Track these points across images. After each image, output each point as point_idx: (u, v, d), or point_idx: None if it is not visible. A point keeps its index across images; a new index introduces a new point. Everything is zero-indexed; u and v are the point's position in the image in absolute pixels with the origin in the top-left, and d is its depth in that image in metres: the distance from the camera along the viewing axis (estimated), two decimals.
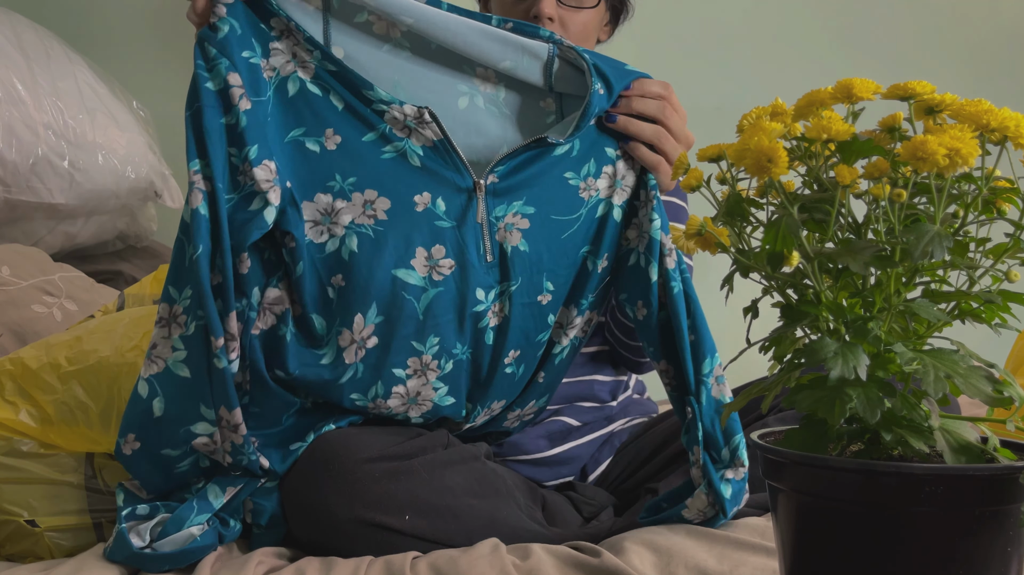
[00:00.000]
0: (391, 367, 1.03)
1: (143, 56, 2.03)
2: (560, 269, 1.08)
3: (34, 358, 1.11)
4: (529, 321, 1.07)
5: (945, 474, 0.62)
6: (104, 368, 1.09)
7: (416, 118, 1.00)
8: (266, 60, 0.99)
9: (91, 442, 1.08)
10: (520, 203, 1.05)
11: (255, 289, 0.98)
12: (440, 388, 1.06)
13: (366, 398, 1.04)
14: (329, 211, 0.99)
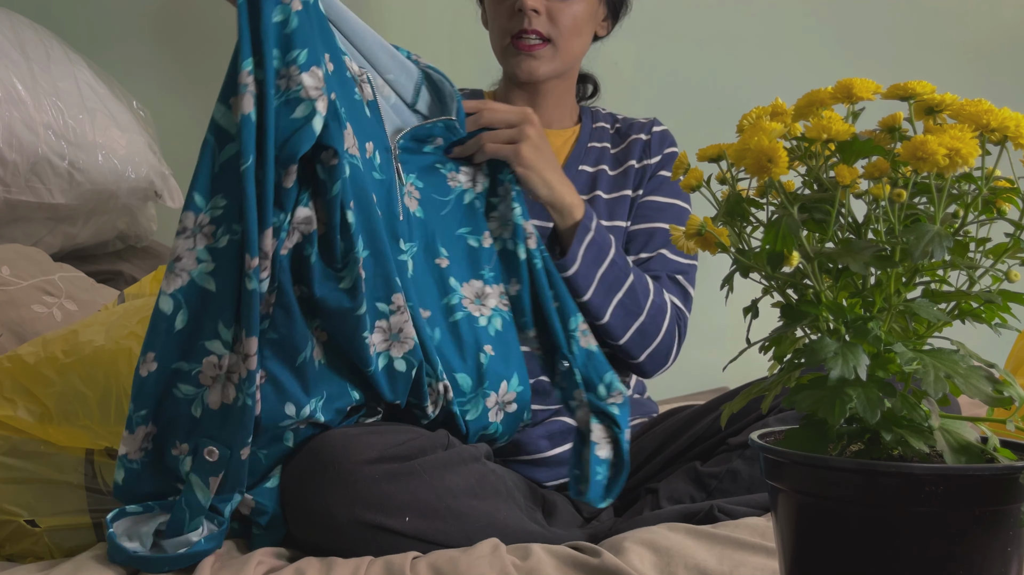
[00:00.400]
0: (375, 302, 1.05)
1: (143, 56, 2.03)
2: (448, 241, 1.17)
3: (31, 354, 1.11)
4: (432, 282, 1.14)
5: (945, 474, 0.62)
6: (100, 356, 1.08)
7: (359, 75, 1.10)
8: None
9: (92, 435, 1.07)
10: (414, 175, 1.16)
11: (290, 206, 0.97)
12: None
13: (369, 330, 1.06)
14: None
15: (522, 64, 1.34)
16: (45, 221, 1.66)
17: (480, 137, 1.20)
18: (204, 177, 0.95)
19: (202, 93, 2.02)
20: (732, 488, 1.16)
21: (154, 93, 1.97)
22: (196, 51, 2.04)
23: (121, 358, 1.07)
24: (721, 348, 1.39)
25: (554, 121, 1.41)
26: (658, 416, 1.37)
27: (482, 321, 1.16)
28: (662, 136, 1.43)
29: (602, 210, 1.36)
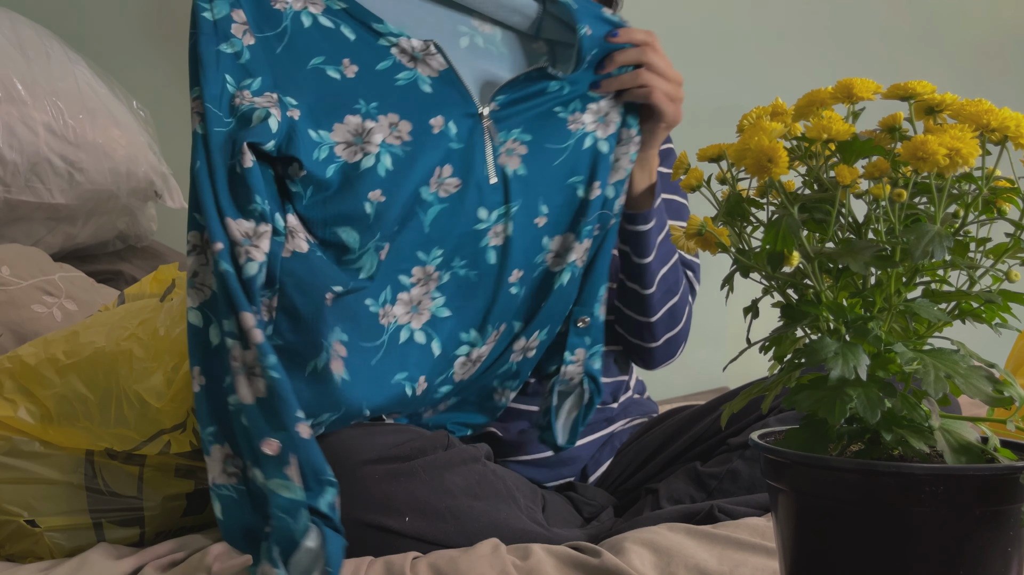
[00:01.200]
0: (398, 274, 1.06)
1: (143, 56, 2.03)
2: (554, 194, 1.13)
3: (32, 355, 1.11)
4: (528, 242, 1.12)
5: (945, 474, 0.62)
6: (100, 358, 1.08)
7: (423, 50, 1.07)
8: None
9: (92, 437, 1.08)
10: (518, 131, 1.11)
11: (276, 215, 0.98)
12: (437, 298, 1.09)
13: (377, 303, 1.06)
14: (361, 131, 1.03)
15: None
16: (45, 221, 1.66)
17: (649, 78, 1.14)
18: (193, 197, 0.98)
19: None
20: (732, 488, 1.16)
21: (154, 93, 1.97)
22: None
23: (121, 360, 1.08)
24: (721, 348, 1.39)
25: None
26: (658, 416, 1.37)
27: (557, 276, 1.15)
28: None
29: None
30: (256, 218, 0.96)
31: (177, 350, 1.07)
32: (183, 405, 1.06)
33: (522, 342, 1.17)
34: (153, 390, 1.06)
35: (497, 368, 1.18)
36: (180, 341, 1.08)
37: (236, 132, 0.97)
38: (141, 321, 1.12)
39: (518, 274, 1.12)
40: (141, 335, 1.10)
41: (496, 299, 1.12)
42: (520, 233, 1.11)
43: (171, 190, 1.78)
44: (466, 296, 1.11)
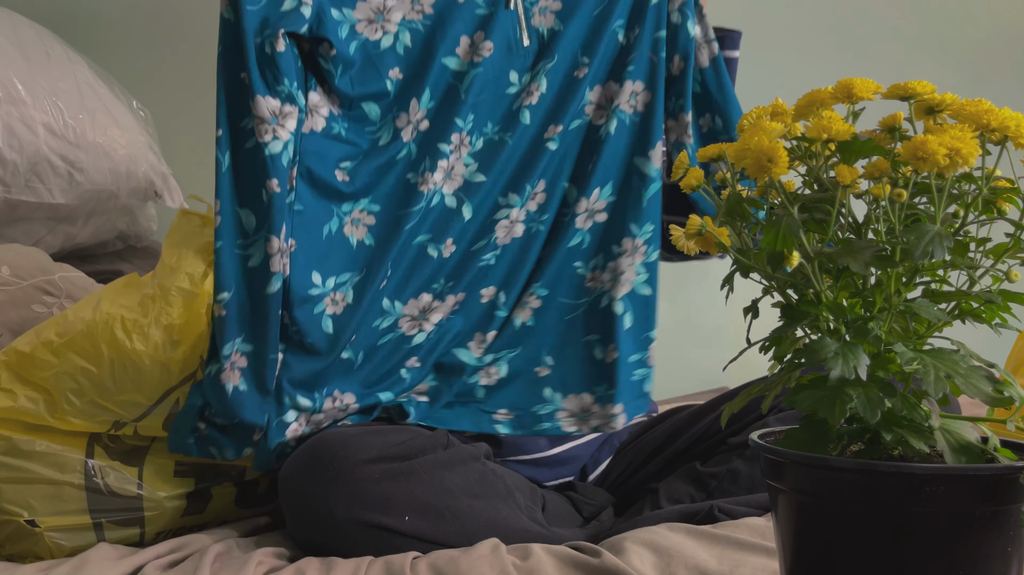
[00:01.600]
0: (437, 143, 1.09)
1: (143, 56, 2.03)
2: (593, 45, 1.14)
3: (26, 343, 1.10)
4: (566, 95, 1.12)
5: (945, 474, 0.62)
6: (94, 329, 1.07)
7: None
8: None
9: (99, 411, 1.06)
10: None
11: (299, 92, 1.05)
12: (471, 165, 1.11)
13: (417, 174, 1.09)
14: (381, 9, 1.08)
15: None
16: (45, 221, 1.66)
17: None
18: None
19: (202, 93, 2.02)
20: (732, 488, 1.16)
21: (154, 93, 1.97)
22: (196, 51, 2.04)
23: (116, 326, 1.07)
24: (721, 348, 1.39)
25: None
26: (658, 416, 1.37)
27: (602, 129, 1.15)
28: None
29: None
30: (283, 98, 1.03)
31: (179, 298, 1.08)
32: (198, 347, 1.07)
33: (583, 203, 1.15)
34: (159, 345, 1.06)
35: (566, 241, 1.16)
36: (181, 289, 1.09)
37: (270, 13, 1.04)
38: (125, 283, 1.14)
39: (555, 129, 1.12)
40: (126, 303, 1.10)
41: (532, 156, 1.12)
42: (556, 88, 1.12)
43: (171, 190, 1.78)
44: (499, 160, 1.11)
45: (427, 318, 1.12)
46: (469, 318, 1.14)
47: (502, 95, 1.11)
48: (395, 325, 1.12)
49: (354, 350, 1.10)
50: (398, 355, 1.12)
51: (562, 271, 1.17)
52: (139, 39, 2.04)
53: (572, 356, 1.17)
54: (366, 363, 1.11)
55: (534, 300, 1.16)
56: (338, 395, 1.10)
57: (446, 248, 1.11)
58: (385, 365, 1.12)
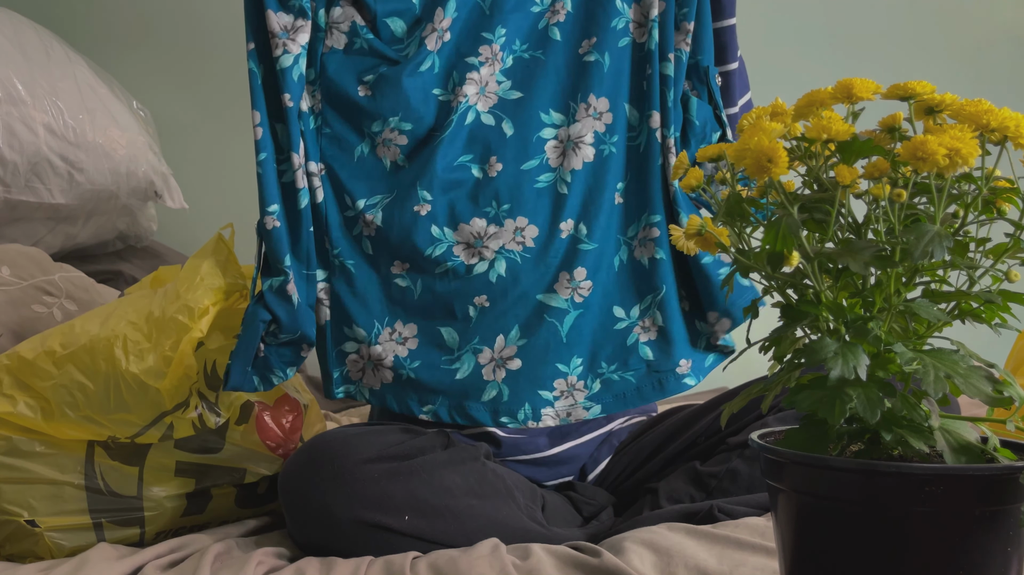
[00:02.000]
0: (465, 56, 1.08)
1: (143, 56, 2.03)
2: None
3: (29, 350, 1.11)
4: (595, 7, 1.12)
5: (945, 474, 0.62)
6: (96, 345, 1.08)
7: None
8: None
9: (94, 426, 1.07)
10: None
11: (320, 11, 1.08)
12: (503, 82, 1.10)
13: (445, 88, 1.09)
14: None
15: None
16: (45, 221, 1.66)
17: None
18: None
19: (202, 93, 2.02)
20: (732, 488, 1.16)
21: (154, 93, 1.97)
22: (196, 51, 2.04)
23: (118, 345, 1.07)
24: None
25: None
26: (658, 416, 1.37)
27: (648, 44, 1.12)
28: None
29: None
30: (296, 12, 1.04)
31: (174, 329, 1.07)
32: (184, 384, 1.07)
33: (656, 117, 1.12)
34: (151, 371, 1.05)
35: (655, 160, 1.11)
36: (176, 321, 1.08)
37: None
38: (136, 307, 1.13)
39: (589, 43, 1.10)
40: (135, 319, 1.10)
41: (572, 73, 1.10)
42: (581, 3, 1.10)
43: (171, 190, 1.78)
44: (535, 76, 1.09)
45: (486, 245, 1.07)
46: (549, 255, 1.08)
47: (527, 12, 1.10)
48: (449, 252, 1.07)
49: (410, 278, 1.08)
50: (461, 287, 1.07)
51: (668, 191, 1.12)
52: (140, 39, 2.04)
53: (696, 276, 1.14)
54: (425, 295, 1.08)
55: (652, 231, 1.11)
56: (399, 327, 1.07)
57: (491, 167, 1.07)
58: (446, 299, 1.07)
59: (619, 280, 1.10)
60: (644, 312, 1.10)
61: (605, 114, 1.10)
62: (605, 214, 1.09)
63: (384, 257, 1.08)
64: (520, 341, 1.06)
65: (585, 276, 1.08)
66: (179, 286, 1.11)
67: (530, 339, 1.07)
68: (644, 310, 1.10)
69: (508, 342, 1.06)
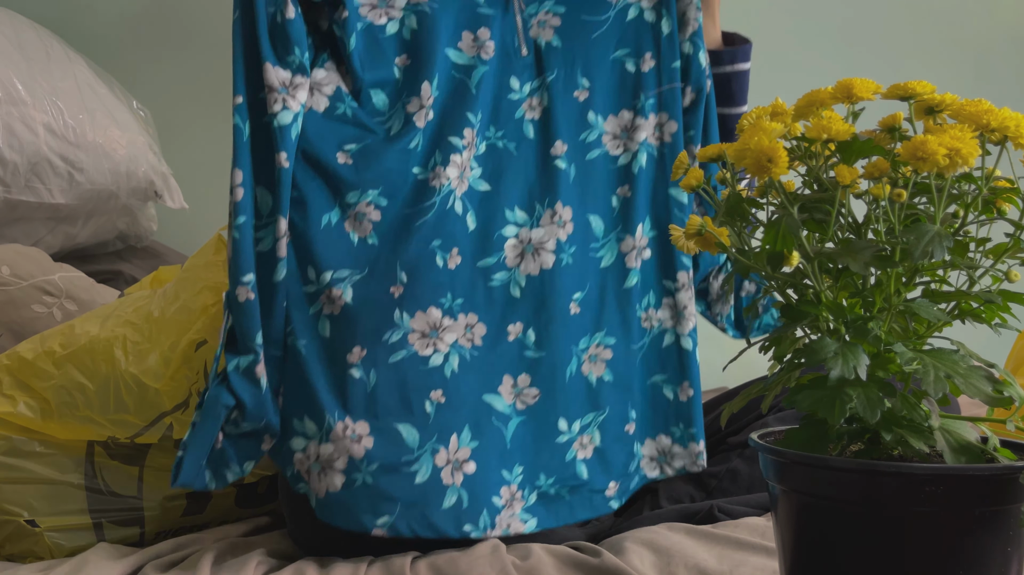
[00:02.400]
0: (448, 136, 1.04)
1: (143, 56, 2.03)
2: (595, 68, 1.10)
3: (29, 350, 1.11)
4: (571, 115, 1.09)
5: (945, 474, 0.62)
6: (96, 345, 1.08)
7: None
8: None
9: (94, 426, 1.07)
10: (551, 2, 1.10)
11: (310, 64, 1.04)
12: (475, 169, 1.05)
13: (426, 168, 1.03)
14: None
15: None
16: (45, 221, 1.66)
17: None
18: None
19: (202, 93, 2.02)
20: (732, 488, 1.16)
21: (154, 93, 1.97)
22: (196, 51, 2.04)
23: (116, 345, 1.07)
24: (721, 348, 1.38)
25: None
26: None
27: (623, 160, 1.10)
28: None
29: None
30: (295, 69, 1.00)
31: (173, 329, 1.07)
32: (183, 384, 1.06)
33: (630, 241, 1.09)
34: (150, 371, 1.05)
35: (621, 281, 1.08)
36: (175, 321, 1.08)
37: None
38: (135, 308, 1.13)
39: (562, 147, 1.07)
40: (135, 320, 1.10)
41: (541, 174, 1.07)
42: (560, 105, 1.08)
43: (171, 190, 1.78)
44: (506, 170, 1.06)
45: (440, 337, 1.02)
46: (495, 356, 1.04)
47: (505, 100, 1.07)
48: (404, 340, 1.02)
49: (365, 368, 1.00)
50: (418, 380, 1.01)
51: (624, 314, 1.09)
52: (138, 39, 2.04)
53: (641, 402, 1.11)
54: (382, 387, 1.00)
55: (604, 351, 1.08)
56: (352, 423, 0.99)
57: (451, 258, 1.03)
58: (403, 391, 1.00)
59: (566, 392, 1.05)
60: (584, 429, 1.06)
61: (568, 223, 1.07)
62: (557, 323, 1.06)
63: (343, 342, 1.00)
64: (472, 443, 1.00)
65: (530, 383, 1.04)
66: (178, 286, 1.11)
67: (481, 442, 1.01)
68: (584, 427, 1.07)
69: (461, 443, 1.00)
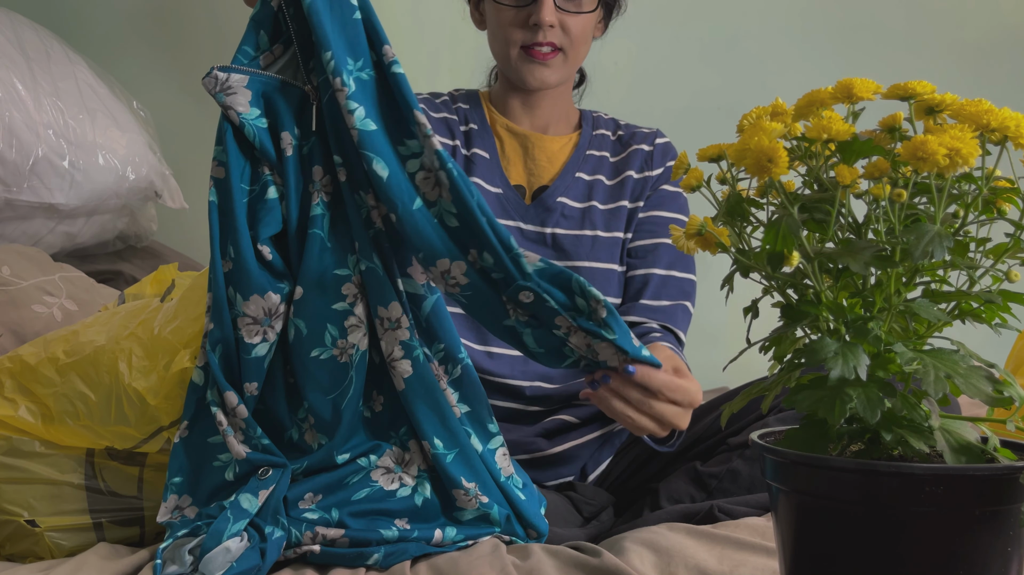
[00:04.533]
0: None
1: (143, 56, 2.03)
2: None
3: (32, 354, 1.11)
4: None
5: (945, 474, 0.62)
6: (100, 356, 1.08)
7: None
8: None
9: (93, 435, 1.08)
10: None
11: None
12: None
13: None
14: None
15: (535, 73, 1.33)
16: (45, 221, 1.66)
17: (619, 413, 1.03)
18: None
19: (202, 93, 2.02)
20: (732, 488, 1.16)
21: (154, 93, 1.97)
22: (196, 51, 2.04)
23: (122, 358, 1.08)
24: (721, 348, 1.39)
25: (551, 125, 1.40)
26: None
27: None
28: (664, 148, 1.40)
29: (598, 221, 1.35)
30: (284, 297, 1.01)
31: (170, 347, 1.07)
32: (178, 402, 1.07)
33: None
34: (151, 388, 1.06)
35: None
36: (173, 339, 1.08)
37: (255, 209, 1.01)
38: (141, 320, 1.13)
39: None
40: (140, 334, 1.10)
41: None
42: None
43: (171, 190, 1.78)
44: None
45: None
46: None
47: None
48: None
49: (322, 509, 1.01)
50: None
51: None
52: (138, 39, 2.04)
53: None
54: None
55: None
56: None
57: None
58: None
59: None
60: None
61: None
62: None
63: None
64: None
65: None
66: (179, 306, 1.11)
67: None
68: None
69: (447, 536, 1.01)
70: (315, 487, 0.99)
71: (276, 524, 0.97)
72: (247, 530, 0.95)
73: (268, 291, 0.99)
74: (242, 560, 0.93)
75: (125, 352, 1.08)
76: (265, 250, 1.00)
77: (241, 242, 0.99)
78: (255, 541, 0.95)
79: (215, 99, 1.01)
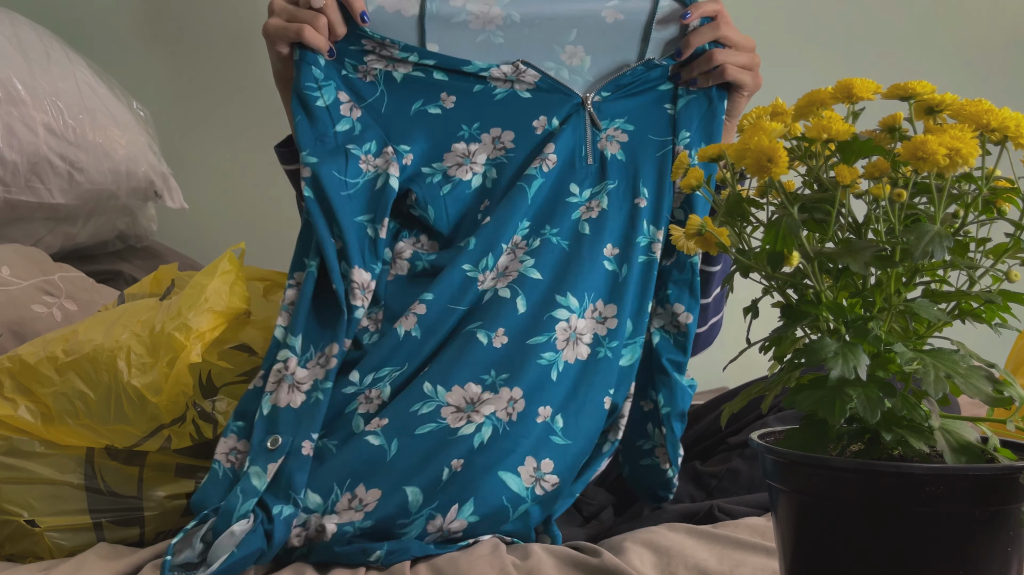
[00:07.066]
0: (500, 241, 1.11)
1: (143, 56, 2.03)
2: (653, 181, 1.16)
3: (31, 354, 1.11)
4: (626, 220, 1.14)
5: (945, 474, 0.62)
6: (99, 355, 1.08)
7: (514, 72, 1.16)
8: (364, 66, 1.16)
9: (93, 434, 1.08)
10: (622, 120, 1.17)
11: (385, 248, 1.13)
12: (526, 261, 1.10)
13: (477, 268, 1.10)
14: (467, 154, 1.15)
15: None
16: (45, 221, 1.66)
17: (720, 57, 1.14)
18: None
19: (202, 93, 2.02)
20: (732, 488, 1.16)
21: (154, 93, 1.97)
22: (196, 51, 2.04)
23: (120, 356, 1.07)
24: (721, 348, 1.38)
25: None
26: None
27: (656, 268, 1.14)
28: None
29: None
30: (374, 274, 1.09)
31: (172, 345, 1.07)
32: (180, 399, 1.06)
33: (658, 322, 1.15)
34: (151, 386, 1.05)
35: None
36: (175, 338, 1.08)
37: (370, 198, 1.11)
38: (141, 319, 1.12)
39: (613, 250, 1.12)
40: (140, 332, 1.10)
41: (590, 270, 1.10)
42: (616, 209, 1.13)
43: (171, 190, 1.78)
44: (558, 263, 1.11)
45: (476, 410, 1.00)
46: (519, 432, 1.01)
47: (563, 203, 1.13)
48: (437, 413, 1.00)
49: (386, 435, 0.99)
50: (441, 448, 0.99)
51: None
52: (139, 39, 2.04)
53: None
54: (402, 456, 0.98)
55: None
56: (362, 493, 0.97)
57: (497, 338, 1.05)
58: (424, 457, 0.98)
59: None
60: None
61: (610, 319, 1.10)
62: (588, 415, 1.05)
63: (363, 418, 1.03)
64: (472, 517, 0.97)
65: (552, 470, 1.01)
66: (182, 302, 1.11)
67: (482, 517, 0.98)
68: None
69: (460, 514, 0.97)
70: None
71: (287, 501, 0.94)
72: (255, 510, 0.93)
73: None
74: (243, 545, 0.90)
75: (124, 350, 1.08)
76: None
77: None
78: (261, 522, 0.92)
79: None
